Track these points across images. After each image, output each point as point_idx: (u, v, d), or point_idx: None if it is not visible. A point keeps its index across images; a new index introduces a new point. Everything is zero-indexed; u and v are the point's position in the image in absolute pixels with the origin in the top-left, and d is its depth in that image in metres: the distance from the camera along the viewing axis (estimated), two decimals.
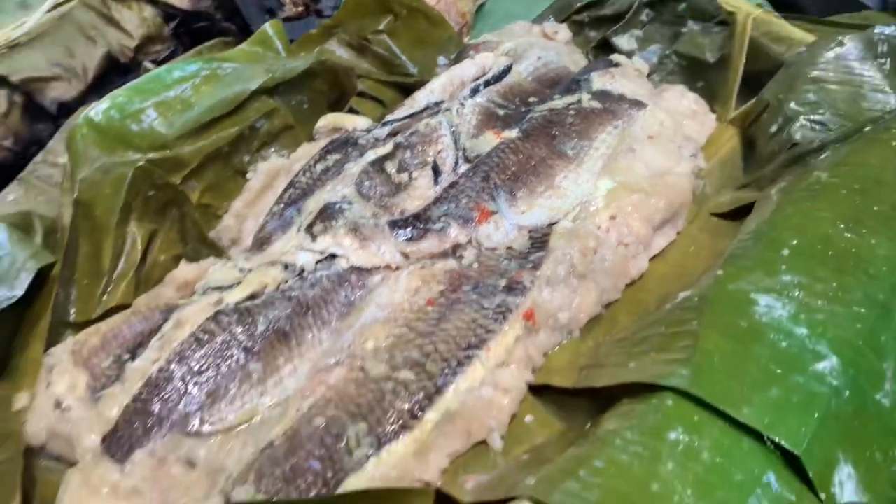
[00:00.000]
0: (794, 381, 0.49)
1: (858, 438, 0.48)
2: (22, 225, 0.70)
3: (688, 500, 0.44)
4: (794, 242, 0.58)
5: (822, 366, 0.50)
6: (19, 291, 0.63)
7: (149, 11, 1.02)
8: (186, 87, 0.81)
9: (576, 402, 0.61)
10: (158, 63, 0.98)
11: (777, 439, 0.47)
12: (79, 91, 0.95)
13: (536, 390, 0.63)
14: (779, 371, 0.50)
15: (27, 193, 0.82)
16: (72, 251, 0.70)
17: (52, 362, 0.62)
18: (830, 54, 0.80)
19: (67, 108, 0.94)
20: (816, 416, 0.47)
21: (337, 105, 0.94)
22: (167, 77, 0.81)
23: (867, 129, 0.69)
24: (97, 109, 0.77)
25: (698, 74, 0.93)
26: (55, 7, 0.98)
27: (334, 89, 0.93)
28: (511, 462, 0.57)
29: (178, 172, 0.78)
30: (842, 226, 0.59)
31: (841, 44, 0.80)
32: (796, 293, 0.54)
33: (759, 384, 0.49)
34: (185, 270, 0.73)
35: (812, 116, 0.75)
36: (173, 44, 1.04)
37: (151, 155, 0.76)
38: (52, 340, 0.65)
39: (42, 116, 0.94)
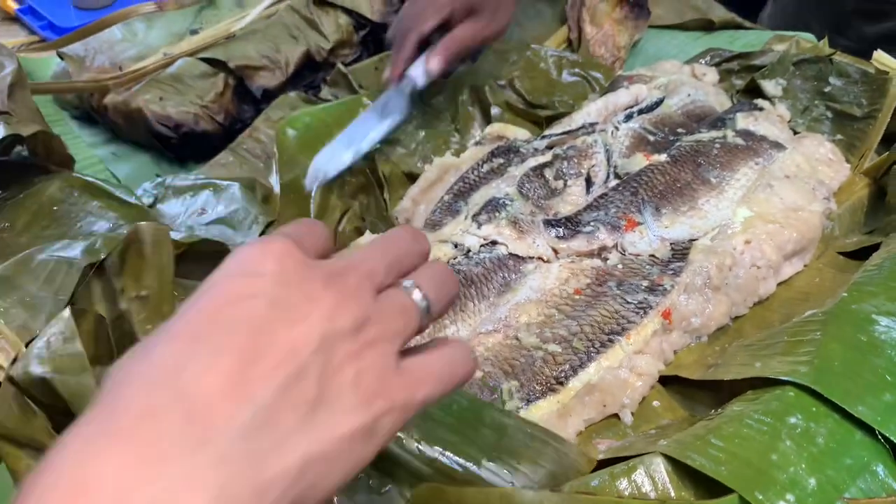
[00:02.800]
0: None
1: None
2: (250, 187, 0.84)
3: (801, 472, 0.52)
4: None
5: None
6: (251, 239, 0.75)
7: (344, 19, 1.16)
8: None
9: (700, 395, 0.69)
10: (346, 64, 1.12)
11: (888, 434, 0.54)
12: (280, 81, 1.10)
13: (664, 382, 0.71)
14: (893, 381, 0.57)
15: (236, 160, 0.97)
16: (280, 217, 0.84)
17: None
18: None
19: (269, 94, 1.09)
20: None
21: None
22: None
23: None
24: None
25: (841, 127, 0.98)
26: (268, 8, 1.14)
27: None
28: (640, 434, 0.66)
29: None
30: None
31: None
32: None
33: (875, 389, 0.56)
34: (368, 239, 0.85)
35: None
36: (360, 49, 1.18)
37: None
38: None
39: (247, 99, 1.10)
